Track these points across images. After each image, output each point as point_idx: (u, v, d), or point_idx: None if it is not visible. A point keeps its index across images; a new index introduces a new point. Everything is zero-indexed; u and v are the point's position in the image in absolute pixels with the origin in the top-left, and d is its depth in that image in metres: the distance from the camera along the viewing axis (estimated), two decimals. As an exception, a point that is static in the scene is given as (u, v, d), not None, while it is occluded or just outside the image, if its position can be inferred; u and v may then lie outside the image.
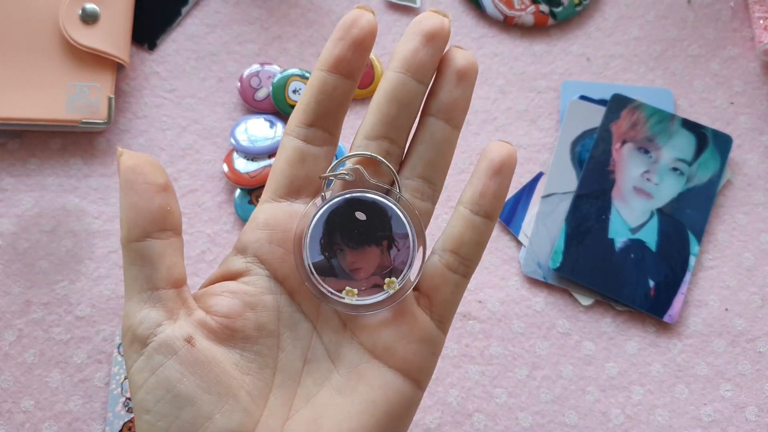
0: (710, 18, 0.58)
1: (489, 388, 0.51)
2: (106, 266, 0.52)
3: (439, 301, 0.32)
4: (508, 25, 0.57)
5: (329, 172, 0.32)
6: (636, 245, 0.52)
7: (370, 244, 0.32)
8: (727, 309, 0.52)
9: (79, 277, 0.51)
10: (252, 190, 0.53)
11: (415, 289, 0.33)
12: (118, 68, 0.53)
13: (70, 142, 0.54)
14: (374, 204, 0.32)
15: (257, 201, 0.53)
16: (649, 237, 0.52)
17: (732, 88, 0.56)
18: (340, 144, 0.54)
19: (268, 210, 0.32)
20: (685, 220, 0.53)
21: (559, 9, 0.57)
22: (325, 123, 0.32)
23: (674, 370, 0.51)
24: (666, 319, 0.51)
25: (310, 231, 0.31)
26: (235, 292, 0.31)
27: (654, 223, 0.53)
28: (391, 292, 0.32)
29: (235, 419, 0.29)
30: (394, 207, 0.32)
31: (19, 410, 0.49)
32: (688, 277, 0.52)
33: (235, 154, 0.53)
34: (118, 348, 0.50)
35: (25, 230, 0.52)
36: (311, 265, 0.31)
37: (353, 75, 0.31)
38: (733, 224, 0.54)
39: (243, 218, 0.52)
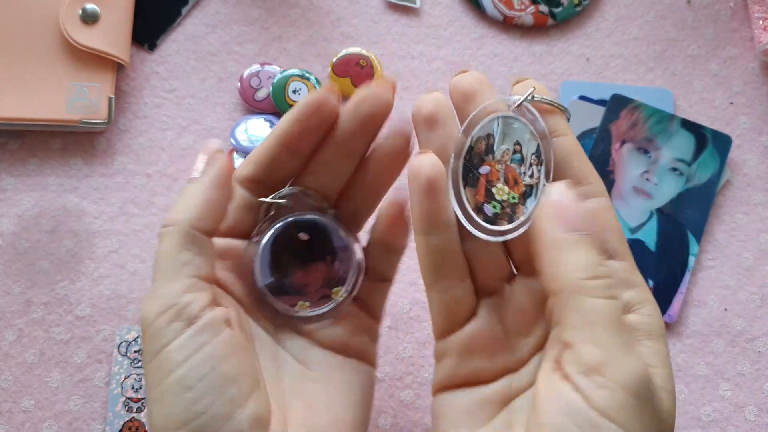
0: (710, 18, 0.58)
1: (489, 388, 0.51)
2: (107, 266, 0.52)
3: (372, 304, 0.37)
4: (507, 25, 0.57)
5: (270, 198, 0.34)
6: (635, 245, 0.52)
7: (316, 261, 0.35)
8: (726, 309, 0.53)
9: (80, 277, 0.51)
10: (252, 190, 0.53)
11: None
12: (118, 68, 0.53)
13: (70, 142, 0.54)
14: (314, 223, 0.34)
15: (257, 201, 0.53)
16: (649, 237, 0.52)
17: (731, 88, 0.56)
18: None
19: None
20: (685, 220, 0.53)
21: (559, 9, 0.57)
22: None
23: (674, 369, 0.51)
24: (665, 318, 0.51)
25: (258, 256, 0.34)
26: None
27: (653, 223, 0.53)
28: (339, 299, 0.35)
29: (263, 404, 0.30)
30: (333, 223, 0.34)
31: (20, 410, 0.49)
32: (687, 277, 0.52)
33: (235, 154, 0.53)
34: (119, 347, 0.50)
35: (26, 230, 0.52)
36: (264, 287, 0.34)
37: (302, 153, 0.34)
38: (732, 224, 0.54)
39: (243, 218, 0.53)
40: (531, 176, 0.30)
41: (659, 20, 0.58)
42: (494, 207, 0.31)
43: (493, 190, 0.31)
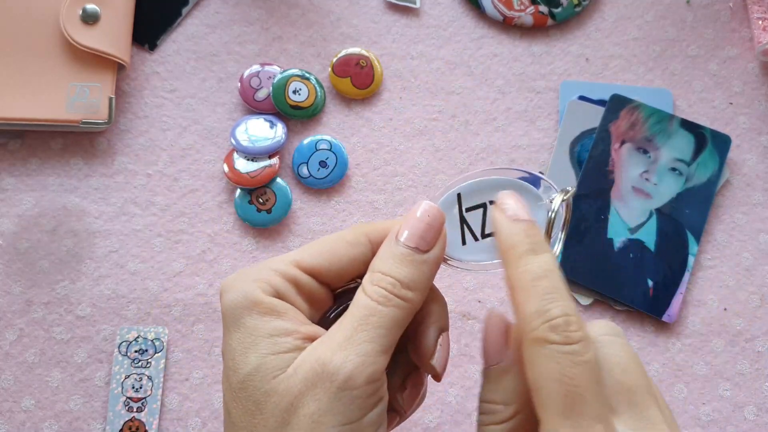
0: (709, 18, 0.58)
1: (488, 388, 0.51)
2: (107, 266, 0.52)
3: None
4: (507, 25, 0.57)
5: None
6: (635, 245, 0.52)
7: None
8: (725, 308, 0.53)
9: (80, 277, 0.51)
10: (252, 190, 0.53)
11: None
12: (118, 68, 0.53)
13: (70, 142, 0.54)
14: None
15: (257, 201, 0.53)
16: (648, 237, 0.52)
17: (731, 88, 0.57)
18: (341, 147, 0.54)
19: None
20: (684, 220, 0.53)
21: (559, 9, 0.57)
22: None
23: (673, 369, 0.52)
24: (665, 318, 0.52)
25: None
26: None
27: (653, 223, 0.53)
28: None
29: None
30: None
31: (20, 409, 0.49)
32: (686, 276, 0.52)
33: (235, 154, 0.53)
34: (119, 347, 0.50)
35: (26, 230, 0.52)
36: None
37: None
38: (731, 224, 0.54)
39: (243, 218, 0.53)
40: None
41: (659, 20, 0.58)
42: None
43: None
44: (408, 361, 0.34)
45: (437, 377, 0.33)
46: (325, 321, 0.33)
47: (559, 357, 0.26)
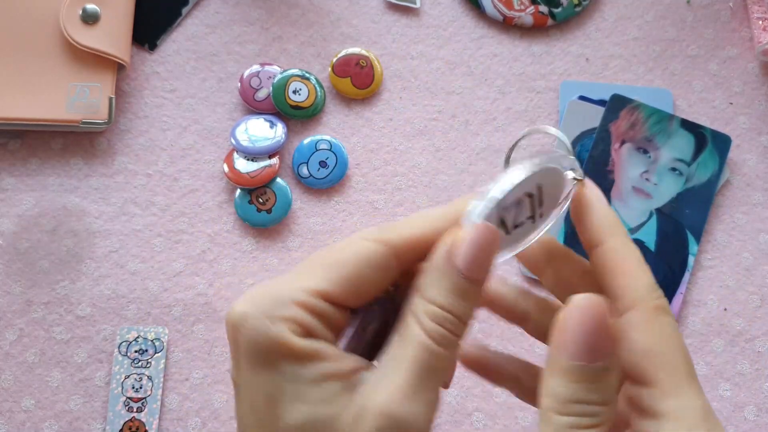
0: (709, 18, 0.58)
1: (488, 388, 0.51)
2: (107, 266, 0.52)
3: None
4: (507, 25, 0.57)
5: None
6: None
7: None
8: (725, 309, 0.53)
9: (80, 277, 0.51)
10: (252, 190, 0.53)
11: None
12: (118, 68, 0.53)
13: (70, 142, 0.54)
14: None
15: (257, 201, 0.53)
16: (648, 237, 0.52)
17: (731, 88, 0.57)
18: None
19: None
20: (684, 220, 0.53)
21: (559, 9, 0.57)
22: None
23: (673, 369, 0.52)
24: (665, 318, 0.52)
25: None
26: None
27: (653, 223, 0.53)
28: None
29: None
30: None
31: (20, 409, 0.49)
32: (686, 276, 0.52)
33: (235, 154, 0.53)
34: (119, 347, 0.50)
35: (26, 230, 0.52)
36: None
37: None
38: (731, 224, 0.54)
39: (243, 218, 0.53)
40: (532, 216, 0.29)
41: (659, 20, 0.58)
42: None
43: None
44: None
45: (444, 386, 0.31)
46: (357, 338, 0.30)
47: (676, 328, 0.27)
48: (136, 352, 0.50)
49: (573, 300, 0.26)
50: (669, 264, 0.52)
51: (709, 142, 0.54)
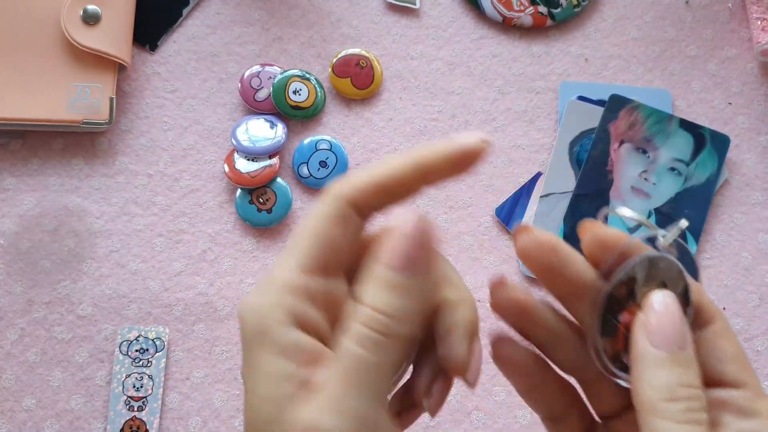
0: (708, 19, 0.58)
1: (488, 386, 0.51)
2: (108, 266, 0.52)
3: None
4: (506, 26, 0.57)
5: None
6: (634, 245, 0.52)
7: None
8: (724, 308, 0.53)
9: (81, 277, 0.52)
10: (253, 190, 0.53)
11: None
12: (119, 69, 0.54)
13: (71, 142, 0.54)
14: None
15: (257, 201, 0.53)
16: (647, 236, 0.53)
17: (730, 88, 0.57)
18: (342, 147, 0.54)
19: None
20: (683, 220, 0.53)
21: (558, 10, 0.57)
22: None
23: (672, 368, 0.52)
24: (664, 318, 0.52)
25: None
26: None
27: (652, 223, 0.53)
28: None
29: None
30: None
31: (21, 409, 0.49)
32: (686, 276, 0.52)
33: (236, 155, 0.53)
34: (120, 347, 0.50)
35: (27, 230, 0.52)
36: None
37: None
38: (730, 224, 0.54)
39: (244, 218, 0.53)
40: None
41: (658, 21, 0.58)
42: None
43: None
44: (435, 359, 0.30)
45: (471, 386, 0.29)
46: None
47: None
48: (137, 351, 0.50)
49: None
50: (668, 263, 0.52)
51: (708, 142, 0.54)
